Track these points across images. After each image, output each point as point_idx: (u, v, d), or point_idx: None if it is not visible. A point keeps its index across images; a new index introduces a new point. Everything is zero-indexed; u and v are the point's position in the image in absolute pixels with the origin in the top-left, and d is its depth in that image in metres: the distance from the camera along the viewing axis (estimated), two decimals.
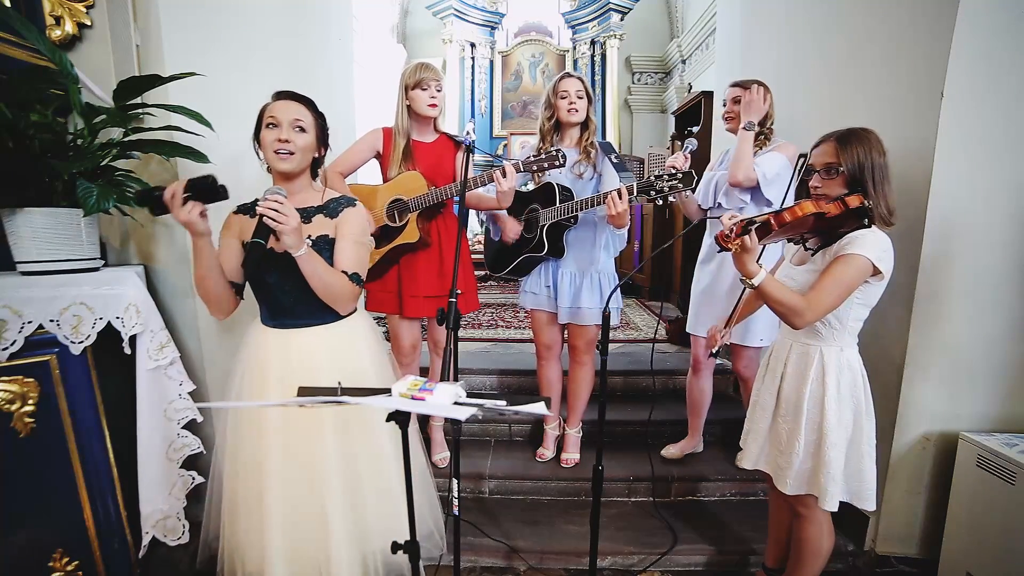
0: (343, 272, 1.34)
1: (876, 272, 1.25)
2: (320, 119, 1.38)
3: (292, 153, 1.31)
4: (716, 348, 1.57)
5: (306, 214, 1.34)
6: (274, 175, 1.37)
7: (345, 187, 1.95)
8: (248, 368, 1.40)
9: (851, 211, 1.24)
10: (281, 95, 1.35)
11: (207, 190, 1.24)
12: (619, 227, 1.87)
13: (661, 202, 1.74)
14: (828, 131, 1.34)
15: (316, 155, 1.39)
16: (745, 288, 1.34)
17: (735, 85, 2.00)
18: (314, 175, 1.43)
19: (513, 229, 2.07)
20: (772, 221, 1.22)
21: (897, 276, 1.31)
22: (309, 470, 1.34)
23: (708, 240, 2.15)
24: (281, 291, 1.35)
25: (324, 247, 1.35)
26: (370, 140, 2.03)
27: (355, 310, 1.47)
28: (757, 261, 1.26)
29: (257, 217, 1.20)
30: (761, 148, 1.94)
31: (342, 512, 1.34)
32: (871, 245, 1.23)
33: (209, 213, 1.27)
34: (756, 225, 1.21)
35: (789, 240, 1.43)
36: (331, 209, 1.39)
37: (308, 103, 1.36)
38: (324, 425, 1.35)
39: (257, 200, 1.38)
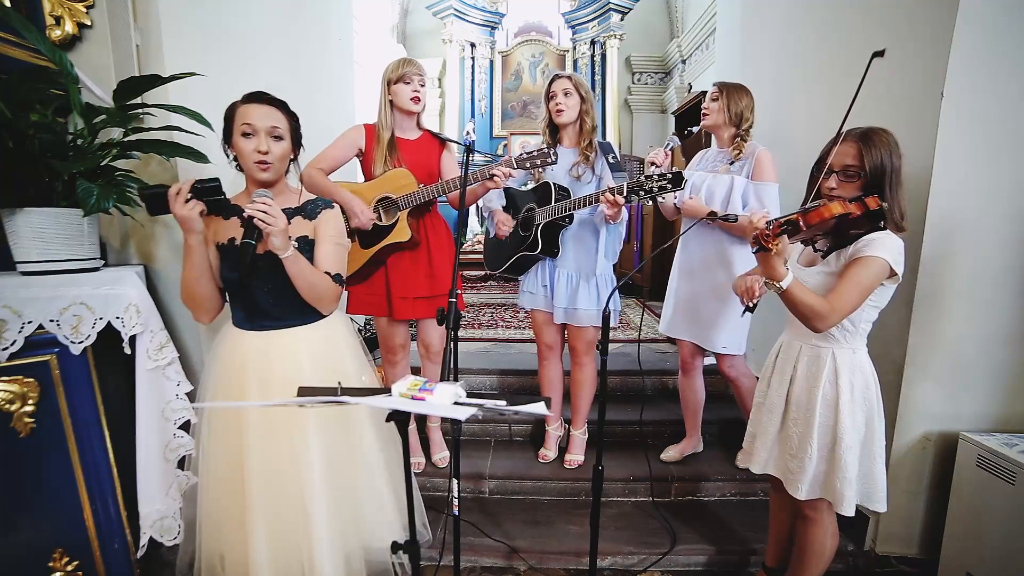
0: (325, 273, 1.35)
1: (892, 274, 1.24)
2: (294, 121, 1.37)
3: (271, 163, 1.30)
4: (755, 301, 1.40)
5: (285, 215, 1.33)
6: (250, 181, 1.37)
7: (331, 184, 1.88)
8: (225, 371, 1.39)
9: (869, 213, 1.22)
10: (252, 97, 1.32)
11: (211, 193, 1.25)
12: (613, 220, 1.87)
13: (650, 202, 1.74)
14: (827, 132, 1.33)
15: (292, 157, 1.39)
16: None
17: (716, 84, 2.01)
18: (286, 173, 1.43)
19: (503, 223, 2.05)
20: (800, 221, 1.17)
21: None
22: (291, 470, 1.34)
23: (685, 244, 2.13)
24: (261, 293, 1.35)
25: (304, 248, 1.36)
26: (352, 136, 1.98)
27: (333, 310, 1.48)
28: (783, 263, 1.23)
29: (246, 218, 1.22)
30: (739, 151, 1.93)
31: (325, 511, 1.34)
32: (888, 248, 1.22)
33: None
34: (789, 226, 1.16)
35: (800, 241, 1.41)
36: (309, 211, 1.40)
37: (282, 106, 1.34)
38: (306, 424, 1.35)
39: (228, 200, 1.39)
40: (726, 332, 2.00)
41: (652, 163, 1.95)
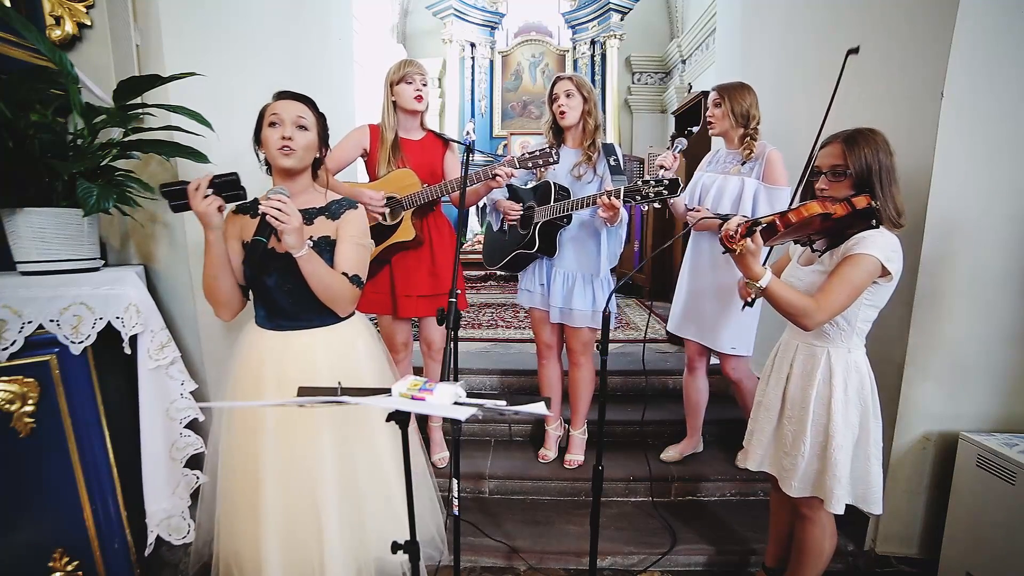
0: (343, 274, 1.34)
1: (885, 273, 1.24)
2: (321, 119, 1.39)
3: (294, 150, 1.31)
4: (752, 298, 1.30)
5: (308, 215, 1.35)
6: (275, 174, 1.37)
7: (334, 182, 1.86)
8: (243, 370, 1.39)
9: (858, 212, 1.22)
10: (282, 95, 1.35)
11: (229, 187, 1.27)
12: (610, 224, 1.86)
13: (646, 207, 1.73)
14: (826, 132, 1.34)
15: (317, 155, 1.39)
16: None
17: (715, 89, 1.99)
18: (314, 175, 1.43)
19: (512, 208, 2.03)
20: (778, 222, 1.20)
21: None
22: (305, 472, 1.34)
23: (695, 243, 2.12)
24: (280, 292, 1.35)
25: (325, 248, 1.35)
26: (356, 137, 2.00)
27: (353, 312, 1.47)
28: (764, 264, 1.25)
29: (259, 216, 1.21)
30: (750, 151, 1.91)
31: (337, 515, 1.34)
32: (880, 245, 1.22)
33: None
34: (762, 227, 1.19)
35: (796, 241, 1.41)
36: (333, 211, 1.39)
37: (309, 102, 1.37)
38: (320, 427, 1.35)
39: (256, 200, 1.39)
40: (732, 333, 1.99)
41: (661, 166, 1.93)
